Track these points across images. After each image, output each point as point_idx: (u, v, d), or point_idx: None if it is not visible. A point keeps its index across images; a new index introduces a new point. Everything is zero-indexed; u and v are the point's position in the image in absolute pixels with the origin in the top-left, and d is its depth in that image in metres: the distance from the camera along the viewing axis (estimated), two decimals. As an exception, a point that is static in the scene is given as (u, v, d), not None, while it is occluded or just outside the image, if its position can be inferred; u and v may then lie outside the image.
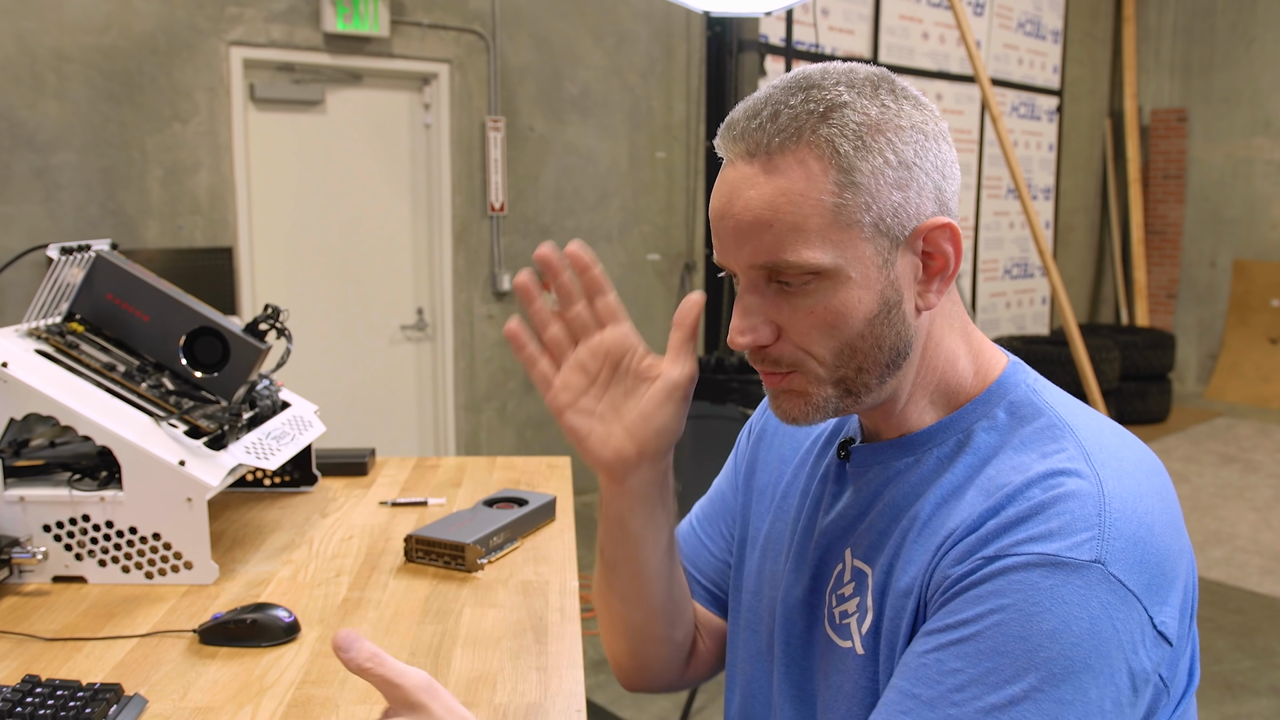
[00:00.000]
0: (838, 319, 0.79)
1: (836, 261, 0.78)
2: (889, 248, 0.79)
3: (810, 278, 0.79)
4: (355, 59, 4.55)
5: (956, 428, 0.85)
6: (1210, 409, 7.81)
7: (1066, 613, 0.70)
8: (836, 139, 0.77)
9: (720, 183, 0.82)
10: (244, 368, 1.52)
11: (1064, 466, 0.76)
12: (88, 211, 3.97)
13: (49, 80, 3.86)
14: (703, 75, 5.65)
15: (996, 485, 0.78)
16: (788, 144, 0.78)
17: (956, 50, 6.98)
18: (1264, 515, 5.24)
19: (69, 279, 1.53)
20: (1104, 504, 0.74)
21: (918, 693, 0.74)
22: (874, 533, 0.86)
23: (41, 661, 1.15)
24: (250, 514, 1.68)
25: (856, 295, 0.79)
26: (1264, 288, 8.03)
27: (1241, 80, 8.11)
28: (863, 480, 0.89)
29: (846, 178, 0.77)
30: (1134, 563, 0.72)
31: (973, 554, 0.75)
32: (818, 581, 0.91)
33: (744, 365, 5.18)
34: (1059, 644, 0.70)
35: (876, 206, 0.78)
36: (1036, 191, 7.97)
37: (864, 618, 0.85)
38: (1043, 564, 0.72)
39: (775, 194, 0.78)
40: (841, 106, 0.78)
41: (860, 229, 0.78)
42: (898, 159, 0.78)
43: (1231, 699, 3.33)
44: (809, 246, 0.77)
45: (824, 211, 0.77)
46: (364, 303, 4.84)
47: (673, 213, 5.73)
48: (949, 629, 0.74)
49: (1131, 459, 0.80)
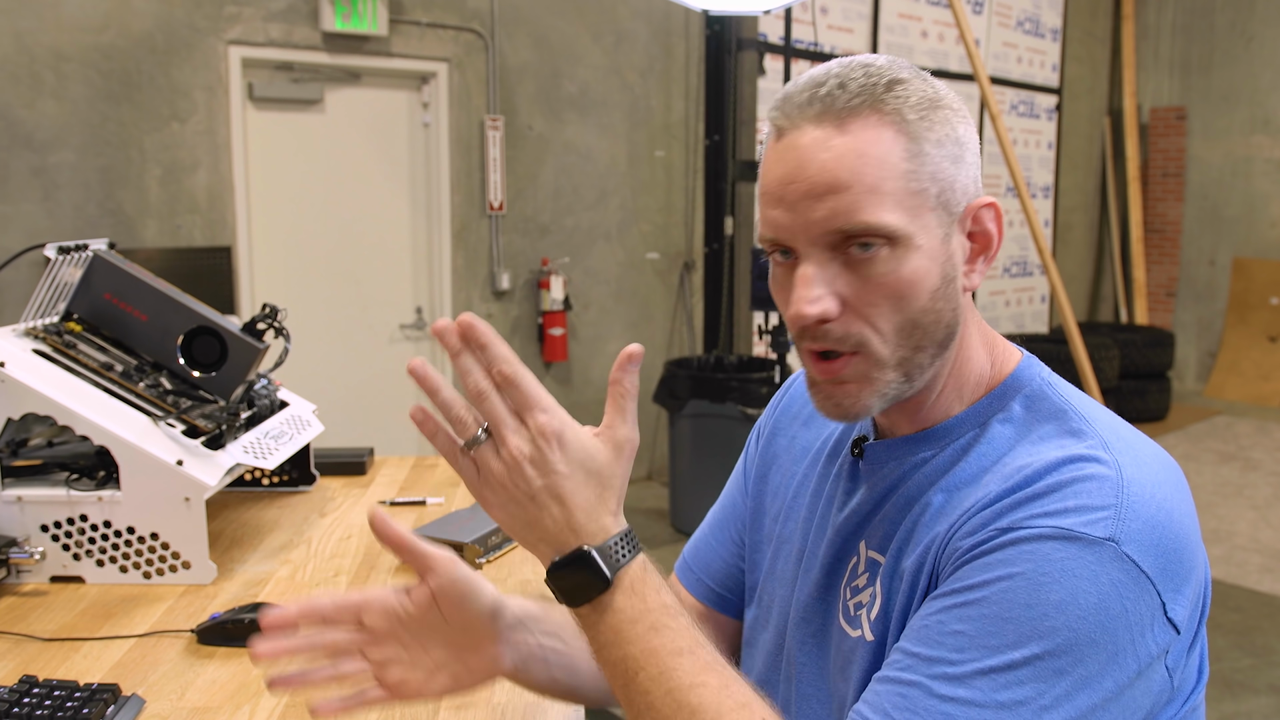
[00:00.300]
0: (907, 289, 0.78)
1: (908, 227, 0.78)
2: (948, 221, 0.80)
3: (882, 244, 0.78)
4: (354, 58, 4.55)
5: (974, 421, 0.85)
6: (1209, 407, 7.81)
7: (1076, 586, 0.70)
8: (904, 109, 0.78)
9: (784, 150, 0.80)
10: (242, 367, 1.52)
11: (1084, 453, 0.77)
12: (86, 211, 3.97)
13: (47, 79, 3.85)
14: (702, 74, 5.65)
15: (1015, 469, 0.78)
16: (859, 109, 0.78)
17: (955, 49, 6.98)
18: (1263, 513, 5.24)
19: (67, 278, 1.53)
20: (1122, 486, 0.74)
21: (918, 651, 0.74)
22: (887, 523, 0.86)
23: (39, 661, 1.15)
24: (248, 513, 1.68)
25: (924, 266, 0.79)
26: (1263, 286, 8.03)
27: (1241, 78, 8.11)
28: (877, 476, 0.89)
29: (915, 146, 0.78)
30: (1149, 545, 0.72)
31: (986, 526, 0.75)
32: (832, 578, 0.91)
33: (743, 364, 5.18)
34: (1065, 616, 0.70)
35: (940, 178, 0.79)
36: (1036, 190, 7.97)
37: (874, 604, 0.85)
38: (1056, 536, 0.72)
39: (853, 156, 0.77)
40: (903, 81, 0.80)
41: (927, 198, 0.79)
42: (954, 135, 0.80)
43: (1231, 697, 3.33)
44: (885, 209, 0.77)
45: (898, 176, 0.77)
46: (363, 302, 4.84)
47: (672, 211, 5.73)
48: (956, 593, 0.74)
49: (1149, 452, 0.80)
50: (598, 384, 5.48)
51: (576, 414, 0.75)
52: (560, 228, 5.31)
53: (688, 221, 5.78)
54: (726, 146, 5.53)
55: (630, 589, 0.75)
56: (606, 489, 0.76)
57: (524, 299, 5.21)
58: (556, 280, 5.16)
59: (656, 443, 5.74)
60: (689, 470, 4.80)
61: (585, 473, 0.74)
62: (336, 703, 0.84)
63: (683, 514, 4.85)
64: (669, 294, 5.78)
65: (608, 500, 0.76)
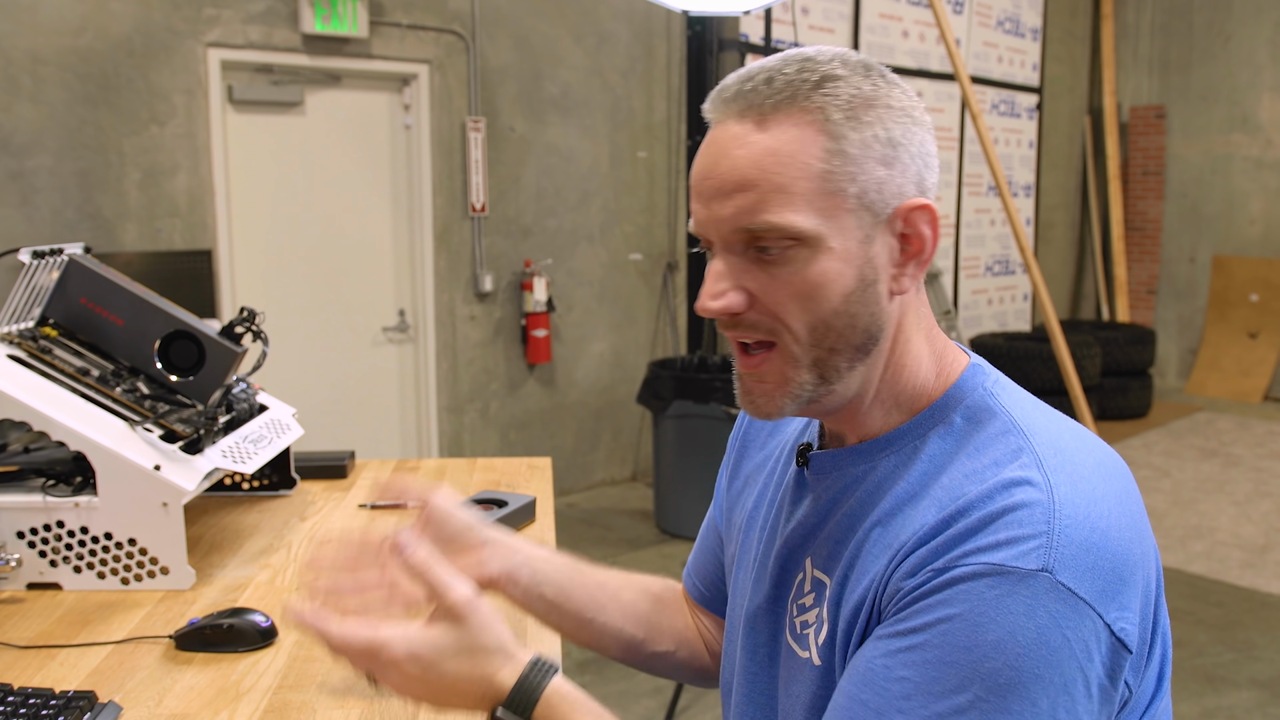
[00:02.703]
0: (815, 290, 0.78)
1: (819, 229, 0.77)
2: (870, 223, 0.79)
3: (790, 244, 0.77)
4: (334, 60, 4.53)
5: (913, 434, 0.83)
6: (1191, 404, 7.86)
7: (1013, 623, 0.69)
8: (829, 107, 0.77)
9: (707, 144, 0.80)
10: (220, 371, 1.51)
11: (1016, 476, 0.75)
12: (64, 215, 3.94)
13: (24, 83, 3.83)
14: (683, 75, 5.65)
15: (950, 496, 0.77)
16: (781, 106, 0.77)
17: (936, 48, 7.01)
18: (1244, 509, 5.28)
19: (42, 283, 1.52)
20: (1054, 511, 0.72)
21: (865, 699, 0.74)
22: (831, 542, 0.85)
23: (14, 670, 1.14)
24: (228, 518, 1.67)
25: (836, 268, 0.78)
26: (1242, 283, 8.09)
27: (1219, 77, 8.17)
28: (821, 487, 0.88)
29: (836, 145, 0.77)
30: (1085, 569, 0.71)
31: (923, 566, 0.74)
32: (780, 590, 0.91)
33: (727, 365, 5.18)
34: (1004, 655, 0.69)
35: (862, 179, 0.77)
36: (1017, 189, 8.01)
37: (820, 629, 0.84)
38: (989, 573, 0.71)
39: (764, 154, 0.77)
40: (836, 79, 0.78)
41: (845, 199, 0.77)
42: (886, 135, 0.78)
43: (1212, 691, 3.35)
44: (793, 209, 0.76)
45: (811, 176, 0.76)
46: (345, 304, 4.82)
47: (654, 212, 5.73)
48: (898, 636, 0.74)
49: (1089, 462, 0.78)
50: (582, 386, 5.48)
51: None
52: (543, 229, 5.30)
53: (670, 222, 5.78)
54: (709, 147, 5.53)
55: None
56: (477, 654, 0.80)
57: (507, 301, 5.20)
58: (539, 282, 5.15)
59: (641, 444, 5.75)
60: (673, 471, 4.81)
61: (451, 660, 0.80)
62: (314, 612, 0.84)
63: (667, 515, 4.86)
64: (652, 295, 5.79)
65: (489, 661, 0.81)
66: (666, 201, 5.76)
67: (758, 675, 0.92)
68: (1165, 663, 0.80)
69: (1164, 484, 5.70)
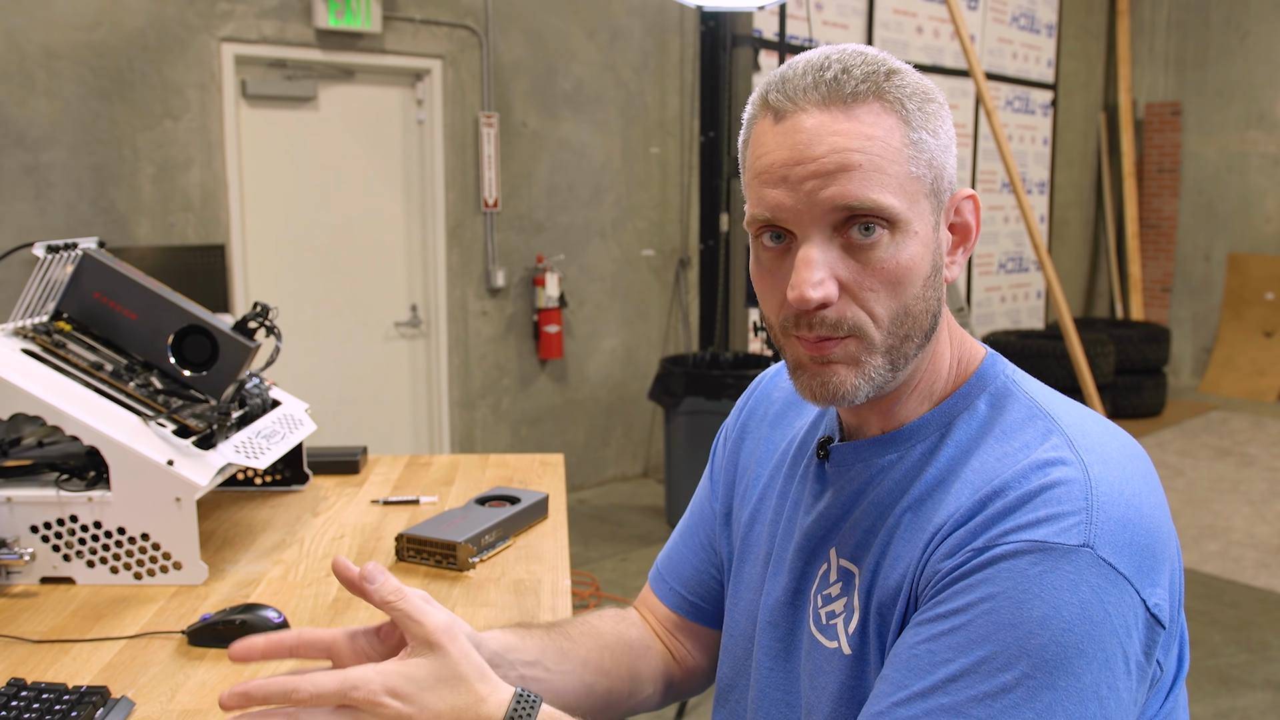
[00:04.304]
0: (904, 275, 0.78)
1: (908, 213, 0.78)
2: (938, 209, 0.82)
3: (884, 229, 0.78)
4: (347, 55, 4.53)
5: (939, 422, 0.85)
6: (1205, 403, 7.81)
7: (1056, 599, 0.70)
8: (904, 98, 0.80)
9: (788, 132, 0.79)
10: (233, 366, 1.51)
11: (1049, 456, 0.76)
12: (78, 209, 3.95)
13: (39, 77, 3.84)
14: (697, 70, 5.63)
15: (983, 479, 0.77)
16: (866, 95, 0.79)
17: (951, 44, 6.98)
18: (1259, 509, 5.25)
19: (56, 277, 1.52)
20: (1090, 488, 0.73)
21: (910, 684, 0.73)
22: (859, 531, 0.85)
23: (28, 664, 1.14)
24: (240, 513, 1.67)
25: (919, 253, 0.79)
26: (1258, 281, 8.04)
27: (1235, 74, 8.11)
28: (844, 479, 0.88)
29: (914, 134, 0.79)
30: (1123, 545, 0.72)
31: (962, 547, 0.75)
32: (801, 583, 0.90)
33: (739, 361, 5.17)
34: (1050, 630, 0.69)
35: (934, 166, 0.80)
36: (1031, 186, 7.97)
37: (850, 618, 0.84)
38: (1031, 550, 0.71)
39: (863, 138, 0.77)
40: (900, 72, 0.81)
41: (922, 185, 0.80)
42: (945, 127, 0.82)
43: (1226, 692, 3.33)
44: (891, 191, 0.77)
45: (900, 160, 0.78)
46: (357, 299, 4.83)
47: (667, 208, 5.72)
48: (940, 619, 0.74)
49: (1114, 444, 0.79)
50: (593, 382, 5.47)
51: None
52: (555, 225, 5.29)
53: (683, 218, 5.77)
54: (722, 143, 5.52)
55: None
56: (459, 682, 0.77)
57: (519, 296, 5.19)
58: (551, 277, 5.15)
59: (652, 440, 5.74)
60: (685, 467, 4.80)
61: (431, 691, 0.76)
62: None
63: (678, 511, 4.84)
64: (664, 291, 5.78)
65: (471, 690, 0.77)
66: (679, 197, 5.75)
67: (775, 669, 0.92)
68: (1184, 643, 0.81)
69: (1178, 483, 5.67)
